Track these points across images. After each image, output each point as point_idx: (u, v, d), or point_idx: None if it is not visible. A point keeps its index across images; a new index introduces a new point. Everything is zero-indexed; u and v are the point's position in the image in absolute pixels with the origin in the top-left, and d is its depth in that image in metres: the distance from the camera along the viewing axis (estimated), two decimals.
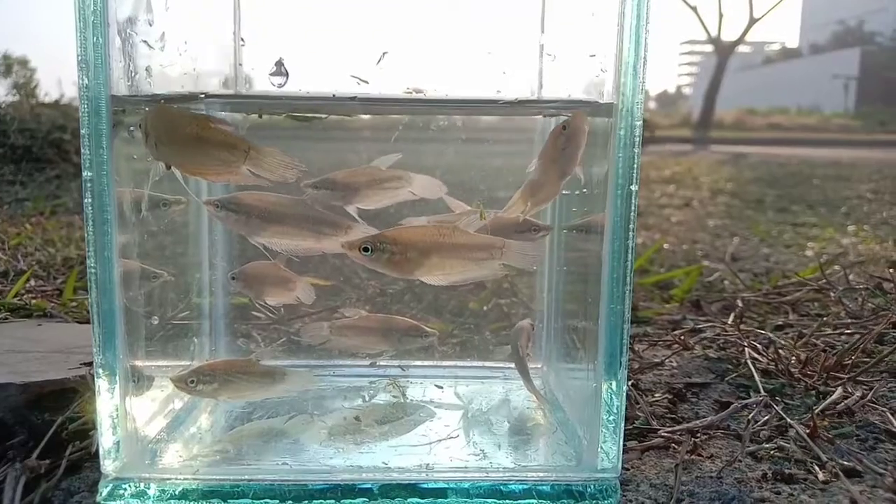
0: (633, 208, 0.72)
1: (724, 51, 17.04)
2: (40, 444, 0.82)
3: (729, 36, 18.16)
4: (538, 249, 0.89)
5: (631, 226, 0.73)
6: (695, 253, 2.51)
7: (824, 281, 1.65)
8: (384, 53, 0.82)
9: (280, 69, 0.81)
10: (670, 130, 17.10)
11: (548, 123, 0.98)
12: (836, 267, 2.06)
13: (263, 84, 0.88)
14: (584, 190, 0.86)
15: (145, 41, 0.75)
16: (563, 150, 0.80)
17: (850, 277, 1.78)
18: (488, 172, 1.01)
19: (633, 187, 0.72)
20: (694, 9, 16.35)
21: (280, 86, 0.81)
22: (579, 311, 0.91)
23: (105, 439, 0.73)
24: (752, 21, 16.28)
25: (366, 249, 0.80)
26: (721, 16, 17.00)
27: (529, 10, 0.91)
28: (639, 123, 0.71)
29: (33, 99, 4.86)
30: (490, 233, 0.84)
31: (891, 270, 2.17)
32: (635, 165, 0.72)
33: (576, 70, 0.84)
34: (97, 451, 0.74)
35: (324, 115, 0.84)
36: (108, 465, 0.74)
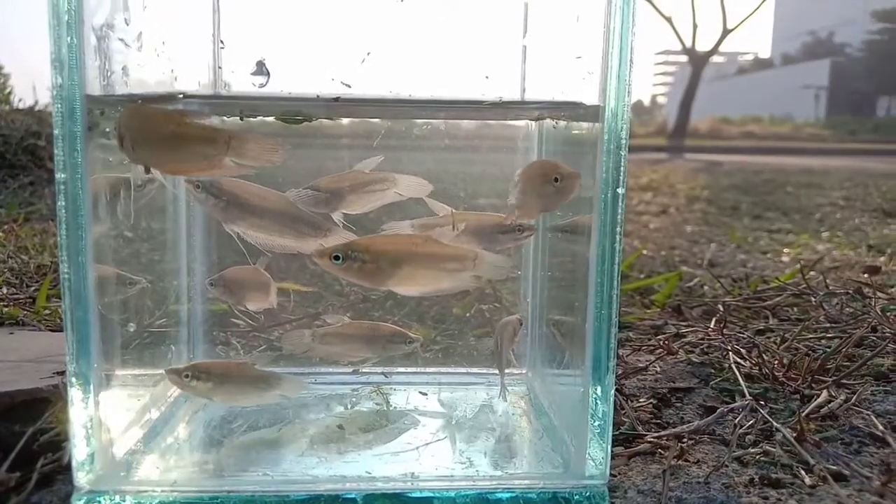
0: (619, 211, 0.72)
1: (698, 61, 17.28)
2: (10, 456, 0.79)
3: (703, 46, 18.41)
4: (510, 261, 0.88)
5: (618, 229, 0.72)
6: (673, 259, 2.53)
7: (805, 286, 1.67)
8: (368, 53, 0.81)
9: (261, 68, 0.79)
10: (646, 139, 17.28)
11: (539, 127, 0.98)
12: (813, 273, 2.08)
13: (242, 88, 0.86)
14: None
15: (122, 39, 0.73)
16: (550, 196, 0.80)
17: (828, 282, 1.80)
18: (471, 178, 1.00)
19: (620, 190, 0.71)
20: (668, 20, 16.57)
21: (261, 85, 0.79)
22: (565, 316, 0.90)
23: (78, 451, 0.71)
24: (726, 32, 16.53)
25: (336, 258, 0.78)
26: (695, 27, 17.25)
27: (513, 14, 0.91)
28: (625, 126, 0.70)
29: (7, 105, 4.75)
30: (474, 233, 0.84)
31: (866, 275, 2.21)
32: (622, 168, 0.71)
33: (561, 72, 0.84)
34: (70, 463, 0.71)
35: (313, 118, 0.83)
36: (81, 478, 0.71)
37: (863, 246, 2.91)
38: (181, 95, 0.76)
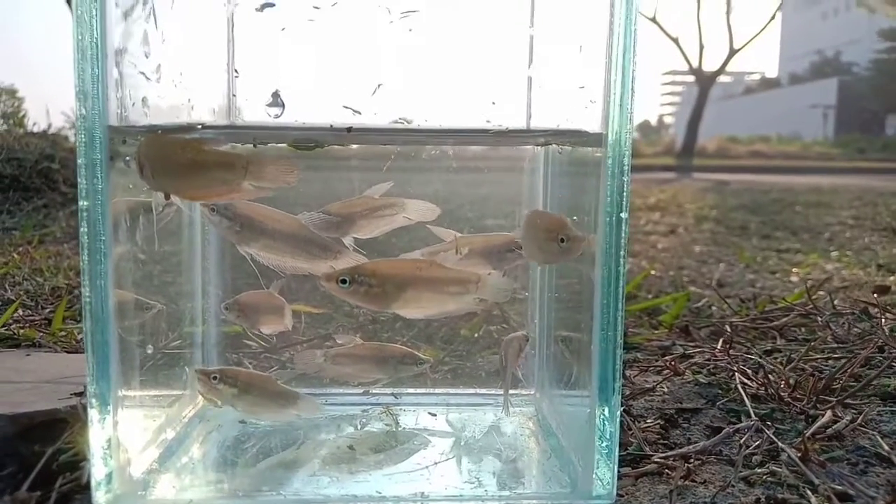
0: (623, 235, 0.74)
1: (705, 81, 17.32)
2: (30, 476, 0.81)
3: (710, 66, 18.45)
4: (513, 283, 0.91)
5: (621, 252, 0.74)
6: (681, 279, 2.53)
7: (811, 306, 1.67)
8: (379, 85, 0.83)
9: (276, 100, 0.82)
10: (654, 159, 17.31)
11: (544, 151, 1.00)
12: (822, 292, 2.08)
13: (256, 116, 0.89)
14: (575, 218, 0.88)
15: (143, 73, 0.76)
16: (553, 253, 0.82)
17: (836, 302, 1.80)
18: (479, 200, 1.02)
19: (623, 214, 0.73)
20: (675, 40, 16.66)
21: (276, 116, 0.82)
22: (571, 337, 0.92)
23: (97, 470, 0.73)
24: (733, 52, 16.58)
25: (343, 281, 0.81)
26: (702, 47, 17.29)
27: (518, 45, 0.93)
28: (627, 152, 0.72)
29: (21, 128, 4.84)
30: (483, 254, 0.86)
31: (875, 295, 2.21)
32: (625, 193, 0.73)
33: (565, 101, 0.86)
34: (88, 482, 0.73)
35: (325, 145, 0.85)
36: (99, 497, 0.73)
37: (872, 265, 2.90)
38: (200, 126, 0.79)
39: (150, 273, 0.89)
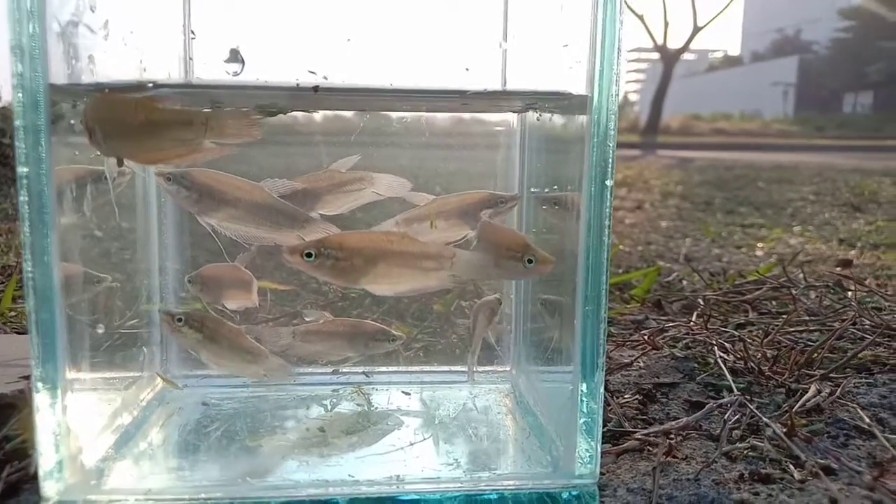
0: (607, 204, 0.70)
1: (669, 59, 17.40)
2: None
3: (674, 44, 18.56)
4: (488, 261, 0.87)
5: (606, 223, 0.70)
6: (650, 254, 2.53)
7: (785, 279, 1.67)
8: (348, 40, 0.78)
9: (235, 56, 0.76)
10: (619, 136, 17.39)
11: (521, 121, 0.96)
12: (789, 267, 2.09)
13: (214, 79, 0.83)
14: (556, 187, 0.84)
15: (87, 26, 0.70)
16: (517, 272, 0.79)
17: (806, 276, 1.81)
18: (451, 174, 0.97)
19: (608, 182, 0.70)
20: (640, 17, 16.68)
21: (235, 74, 0.76)
22: (550, 312, 0.88)
23: (45, 459, 0.68)
24: (696, 29, 16.66)
25: (308, 255, 0.75)
26: (666, 24, 17.40)
27: (495, 2, 0.89)
28: (614, 116, 0.69)
29: None
30: (459, 215, 0.82)
31: (838, 269, 2.23)
32: (610, 160, 0.69)
33: (547, 62, 0.82)
34: (37, 472, 0.68)
35: (287, 110, 0.79)
36: (48, 488, 0.68)
37: (833, 240, 2.95)
38: (151, 84, 0.72)
39: (105, 249, 0.82)
